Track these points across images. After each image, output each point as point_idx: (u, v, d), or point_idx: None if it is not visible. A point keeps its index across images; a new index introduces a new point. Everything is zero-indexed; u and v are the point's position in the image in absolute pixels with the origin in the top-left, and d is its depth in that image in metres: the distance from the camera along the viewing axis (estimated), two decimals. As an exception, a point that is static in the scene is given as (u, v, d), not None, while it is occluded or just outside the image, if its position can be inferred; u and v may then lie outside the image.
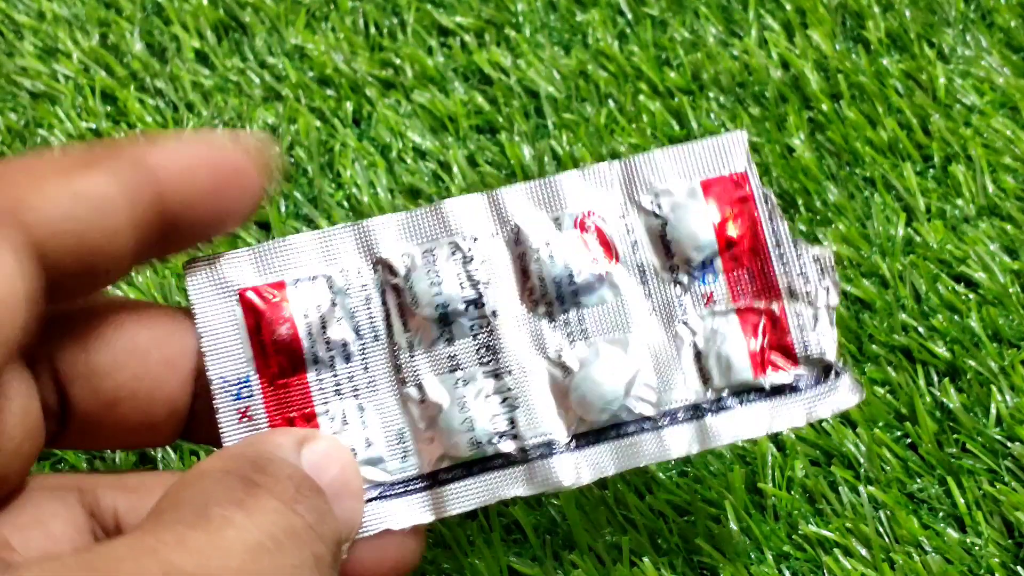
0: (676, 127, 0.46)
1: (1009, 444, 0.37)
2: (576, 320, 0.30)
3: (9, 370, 0.26)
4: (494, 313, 0.29)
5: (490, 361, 0.30)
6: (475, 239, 0.30)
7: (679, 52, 0.47)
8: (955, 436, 0.37)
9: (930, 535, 0.35)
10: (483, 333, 0.30)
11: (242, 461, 0.25)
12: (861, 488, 0.36)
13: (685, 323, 0.30)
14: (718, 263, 0.30)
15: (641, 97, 0.46)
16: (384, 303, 0.30)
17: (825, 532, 0.36)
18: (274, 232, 0.44)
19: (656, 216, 0.30)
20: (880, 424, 0.38)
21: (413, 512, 0.29)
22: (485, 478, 0.29)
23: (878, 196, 0.43)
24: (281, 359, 0.29)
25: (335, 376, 0.29)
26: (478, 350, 0.30)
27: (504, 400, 0.29)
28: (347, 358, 0.29)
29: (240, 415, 0.29)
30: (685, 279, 0.30)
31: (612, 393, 0.29)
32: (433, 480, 0.30)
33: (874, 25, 0.47)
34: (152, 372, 0.28)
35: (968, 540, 0.35)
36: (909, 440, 0.38)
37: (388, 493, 0.29)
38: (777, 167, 0.44)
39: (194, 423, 0.29)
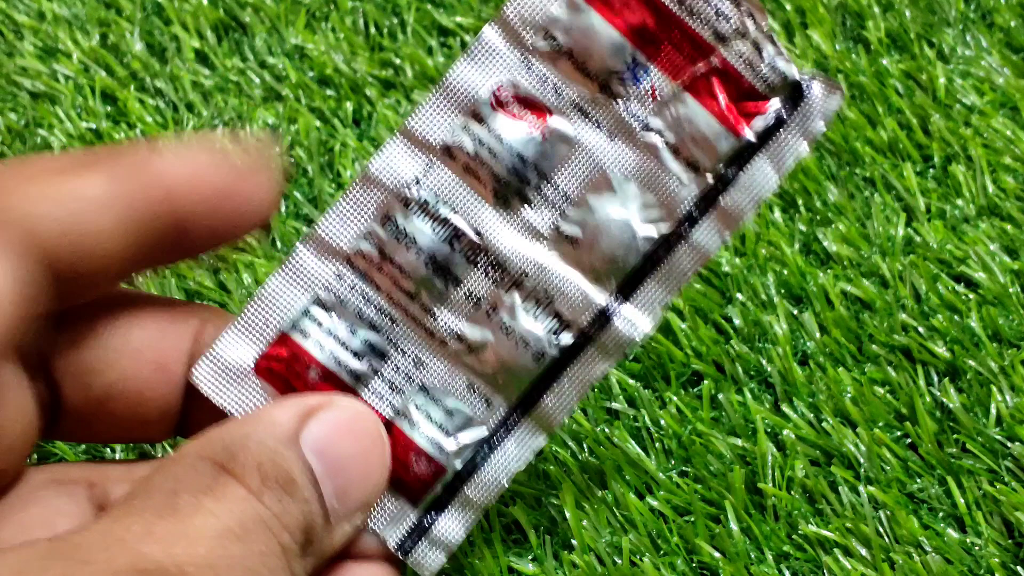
0: (676, 127, 0.46)
1: (1009, 444, 0.37)
2: (552, 190, 0.29)
3: (3, 365, 0.26)
4: (478, 233, 0.29)
5: (502, 276, 0.29)
6: (416, 180, 0.29)
7: (679, 52, 0.47)
8: (955, 436, 0.37)
9: (930, 535, 0.35)
10: (480, 256, 0.29)
11: (216, 446, 0.25)
12: (861, 488, 0.36)
13: (647, 128, 0.29)
14: (640, 57, 0.29)
15: (641, 97, 0.46)
16: (379, 288, 0.29)
17: (825, 532, 0.36)
18: (275, 232, 0.44)
19: (558, 51, 0.28)
20: (880, 424, 0.38)
21: (532, 441, 0.29)
22: (569, 376, 0.29)
23: (878, 196, 0.43)
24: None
25: (382, 378, 0.29)
26: (487, 272, 0.29)
27: (538, 302, 0.29)
28: (382, 356, 0.29)
29: None
30: (621, 89, 0.29)
31: (626, 234, 0.29)
32: (527, 405, 0.29)
33: (874, 25, 0.47)
34: (143, 373, 0.28)
35: (968, 540, 0.35)
36: (909, 440, 0.38)
37: (496, 439, 0.29)
38: (777, 167, 0.44)
39: (189, 422, 0.29)
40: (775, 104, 0.29)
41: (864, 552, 0.35)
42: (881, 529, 0.36)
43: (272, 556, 0.24)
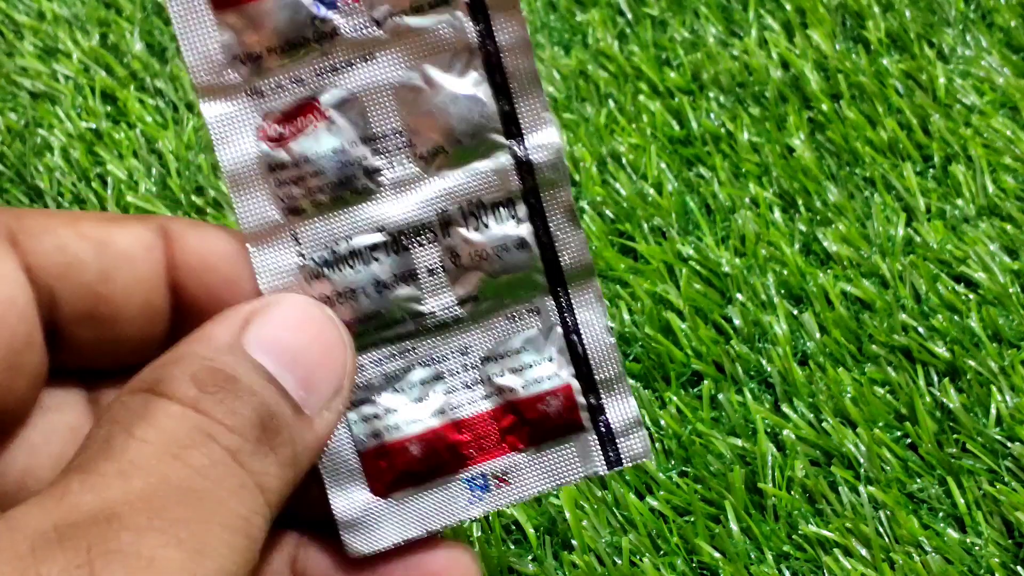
0: (676, 127, 0.46)
1: (1009, 444, 0.37)
2: (382, 142, 0.28)
3: (50, 395, 0.26)
4: (380, 229, 0.28)
5: (432, 232, 0.28)
6: (300, 255, 0.28)
7: (679, 52, 0.47)
8: (955, 436, 0.37)
9: (930, 535, 0.35)
10: (402, 240, 0.28)
11: (146, 375, 0.24)
12: (861, 488, 0.36)
13: (377, 22, 0.28)
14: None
15: (641, 97, 0.46)
16: (377, 344, 0.29)
17: (825, 532, 0.36)
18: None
19: (260, 56, 0.28)
20: (880, 424, 0.38)
21: (591, 293, 0.29)
22: (554, 224, 0.29)
23: (878, 196, 0.43)
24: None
25: (456, 390, 0.29)
26: (420, 244, 0.28)
27: (475, 213, 0.29)
28: (439, 377, 0.29)
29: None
30: (330, 23, 0.28)
31: (455, 97, 0.28)
32: (558, 276, 0.29)
33: (874, 25, 0.47)
34: None
35: (968, 540, 0.35)
36: (909, 440, 0.38)
37: (569, 323, 0.29)
38: (777, 167, 0.44)
39: None
40: None
41: (864, 552, 0.35)
42: (881, 529, 0.36)
43: (218, 465, 0.23)
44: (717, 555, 0.36)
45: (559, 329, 0.29)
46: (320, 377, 0.26)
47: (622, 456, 0.29)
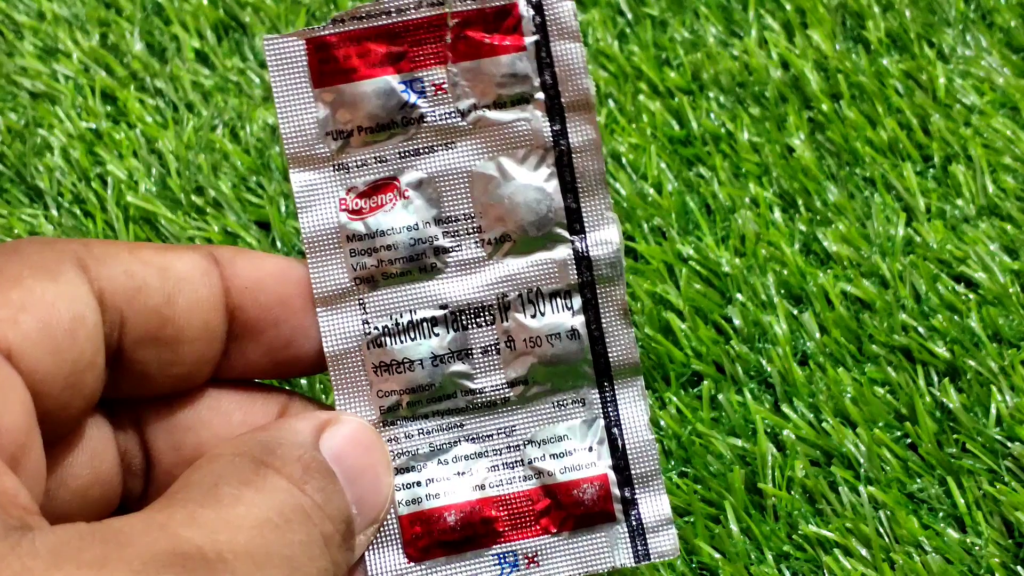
0: (676, 127, 0.46)
1: (1009, 444, 0.37)
2: (454, 224, 0.29)
3: (89, 417, 0.27)
4: (443, 307, 0.29)
5: (490, 313, 0.30)
6: (365, 322, 0.30)
7: (679, 52, 0.47)
8: (955, 436, 0.37)
9: (930, 535, 0.35)
10: (461, 318, 0.29)
11: (254, 444, 0.26)
12: (861, 488, 0.36)
13: (462, 113, 0.29)
14: (404, 76, 0.29)
15: (641, 97, 0.46)
16: (425, 416, 0.30)
17: (825, 532, 0.36)
18: (274, 232, 0.44)
19: (351, 134, 0.29)
20: (880, 424, 0.38)
21: (635, 388, 0.30)
22: (607, 318, 0.30)
23: (878, 196, 0.43)
24: None
25: (497, 468, 0.30)
26: (478, 324, 0.30)
27: (532, 301, 0.30)
28: (480, 455, 0.30)
29: None
30: (418, 110, 0.29)
31: (530, 192, 0.29)
32: (605, 370, 0.30)
33: (874, 25, 0.47)
34: (233, 433, 0.28)
35: (968, 540, 0.35)
36: (909, 440, 0.38)
37: (612, 416, 0.30)
38: (777, 167, 0.44)
39: None
40: (521, 5, 0.29)
41: (864, 552, 0.35)
42: (881, 529, 0.36)
43: (312, 545, 0.25)
44: (717, 555, 0.36)
45: (601, 421, 0.30)
46: (370, 500, 0.28)
47: (651, 552, 0.30)
